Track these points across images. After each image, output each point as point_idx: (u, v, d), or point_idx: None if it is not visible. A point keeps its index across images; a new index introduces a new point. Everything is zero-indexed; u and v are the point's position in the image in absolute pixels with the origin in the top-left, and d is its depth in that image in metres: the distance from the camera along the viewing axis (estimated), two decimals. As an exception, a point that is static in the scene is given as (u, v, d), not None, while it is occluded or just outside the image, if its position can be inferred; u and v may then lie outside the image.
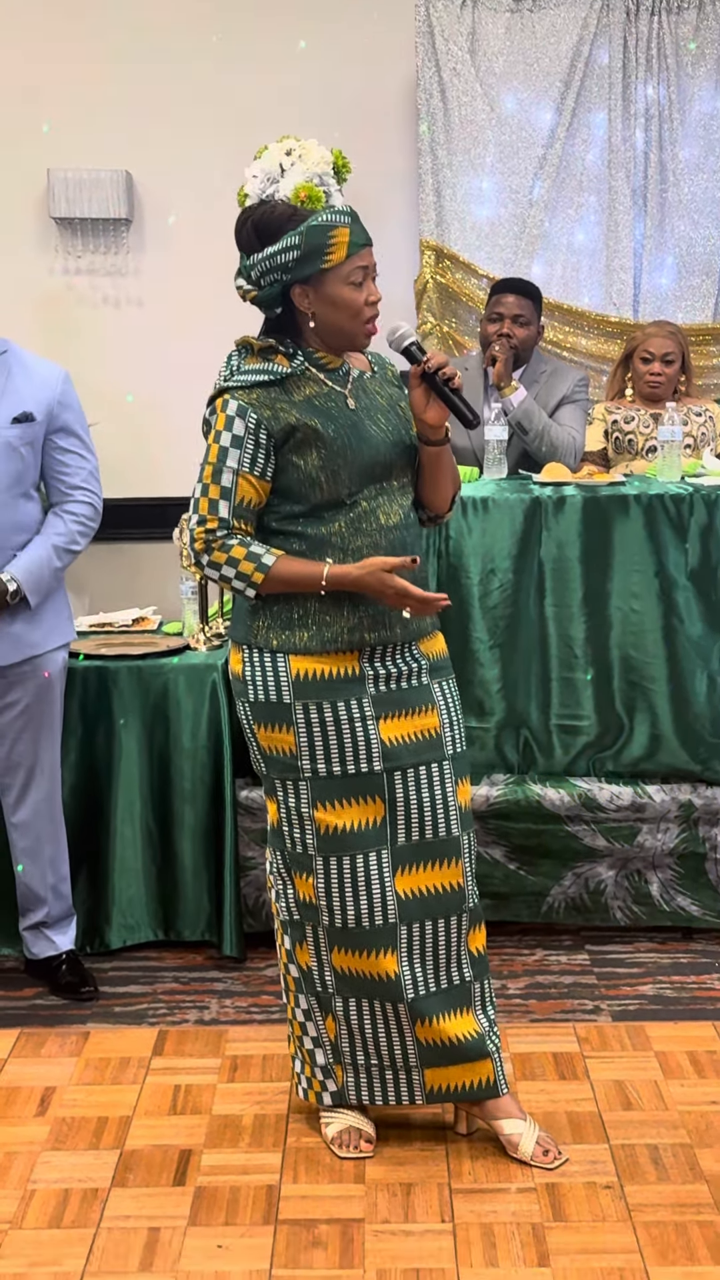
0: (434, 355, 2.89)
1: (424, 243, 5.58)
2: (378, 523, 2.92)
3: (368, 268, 2.89)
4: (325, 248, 2.84)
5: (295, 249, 2.84)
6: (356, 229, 2.88)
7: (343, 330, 2.91)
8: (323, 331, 2.92)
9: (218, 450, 2.88)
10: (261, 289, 2.89)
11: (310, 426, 2.86)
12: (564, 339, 5.59)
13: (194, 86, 5.62)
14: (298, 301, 2.90)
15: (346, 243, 2.85)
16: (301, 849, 2.99)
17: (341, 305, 2.88)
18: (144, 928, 4.09)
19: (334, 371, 2.96)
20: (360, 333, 2.93)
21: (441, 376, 2.88)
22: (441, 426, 2.95)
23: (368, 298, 2.90)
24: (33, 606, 3.66)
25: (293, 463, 2.88)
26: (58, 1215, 2.89)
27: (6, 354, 3.71)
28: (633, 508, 4.04)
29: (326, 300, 2.88)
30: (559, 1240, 2.79)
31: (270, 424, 2.86)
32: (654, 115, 5.52)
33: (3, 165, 5.64)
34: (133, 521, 5.66)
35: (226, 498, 2.87)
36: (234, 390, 2.89)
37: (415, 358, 2.91)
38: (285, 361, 2.91)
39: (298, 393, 2.90)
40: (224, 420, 2.88)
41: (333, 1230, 2.83)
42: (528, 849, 4.11)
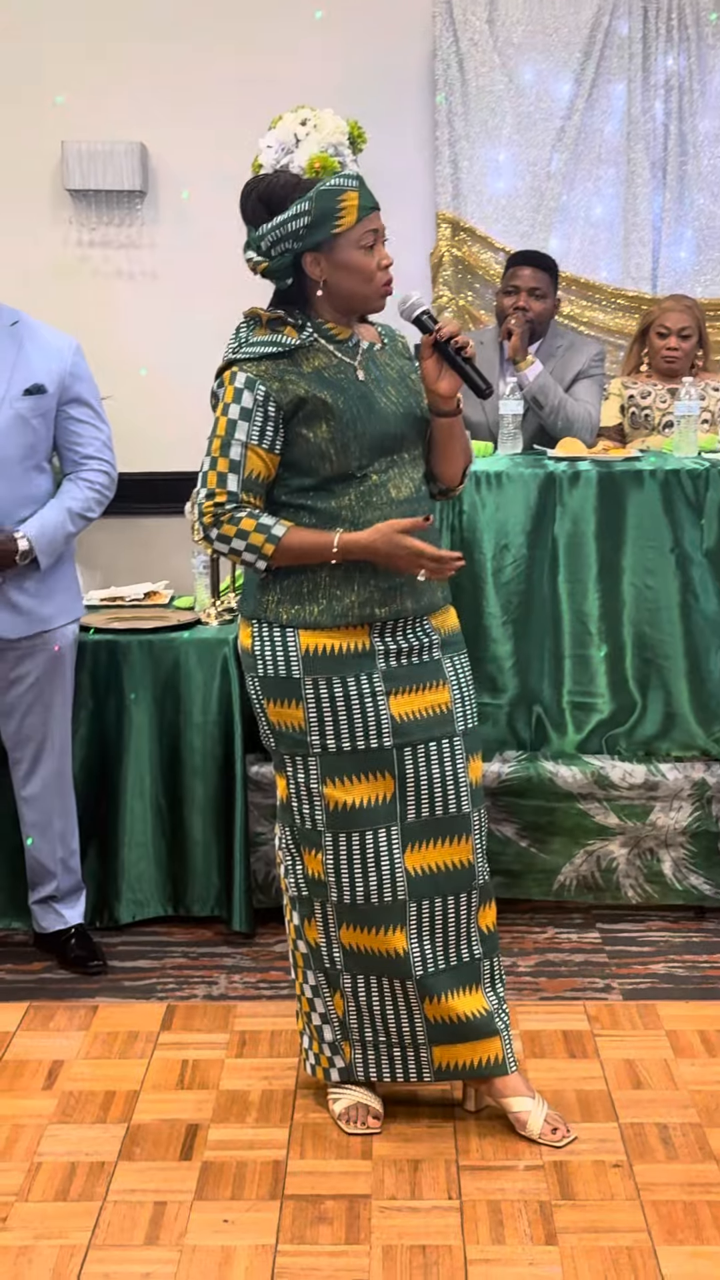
0: (446, 324, 2.86)
1: (440, 215, 5.53)
2: (388, 496, 2.89)
3: (378, 231, 2.87)
4: (336, 212, 2.81)
5: (306, 215, 2.81)
6: (364, 192, 2.85)
7: (357, 295, 2.88)
8: (336, 298, 2.89)
9: (226, 423, 2.85)
10: (272, 259, 2.86)
11: (319, 399, 2.84)
12: (581, 313, 5.54)
13: (209, 58, 5.57)
14: (309, 270, 2.86)
15: (356, 206, 2.83)
16: (311, 825, 2.97)
17: (355, 269, 2.85)
18: (153, 903, 4.08)
19: (343, 343, 2.93)
20: (375, 295, 2.90)
21: (454, 346, 2.85)
22: (454, 397, 2.91)
23: (380, 261, 2.87)
24: (42, 568, 3.64)
25: (302, 435, 2.85)
26: (64, 1188, 2.89)
27: (18, 325, 3.69)
28: (648, 483, 4.00)
29: (339, 266, 2.85)
30: (566, 1218, 2.77)
31: (279, 396, 2.84)
32: (674, 87, 5.45)
33: (17, 137, 5.60)
34: (146, 495, 5.63)
35: (235, 471, 2.85)
36: (242, 362, 2.87)
37: (427, 327, 2.88)
38: (294, 333, 2.88)
39: (307, 364, 2.87)
40: (232, 393, 2.85)
41: (339, 1206, 2.82)
42: (540, 827, 4.08)
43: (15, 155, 5.60)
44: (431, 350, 2.87)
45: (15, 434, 3.60)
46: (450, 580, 3.98)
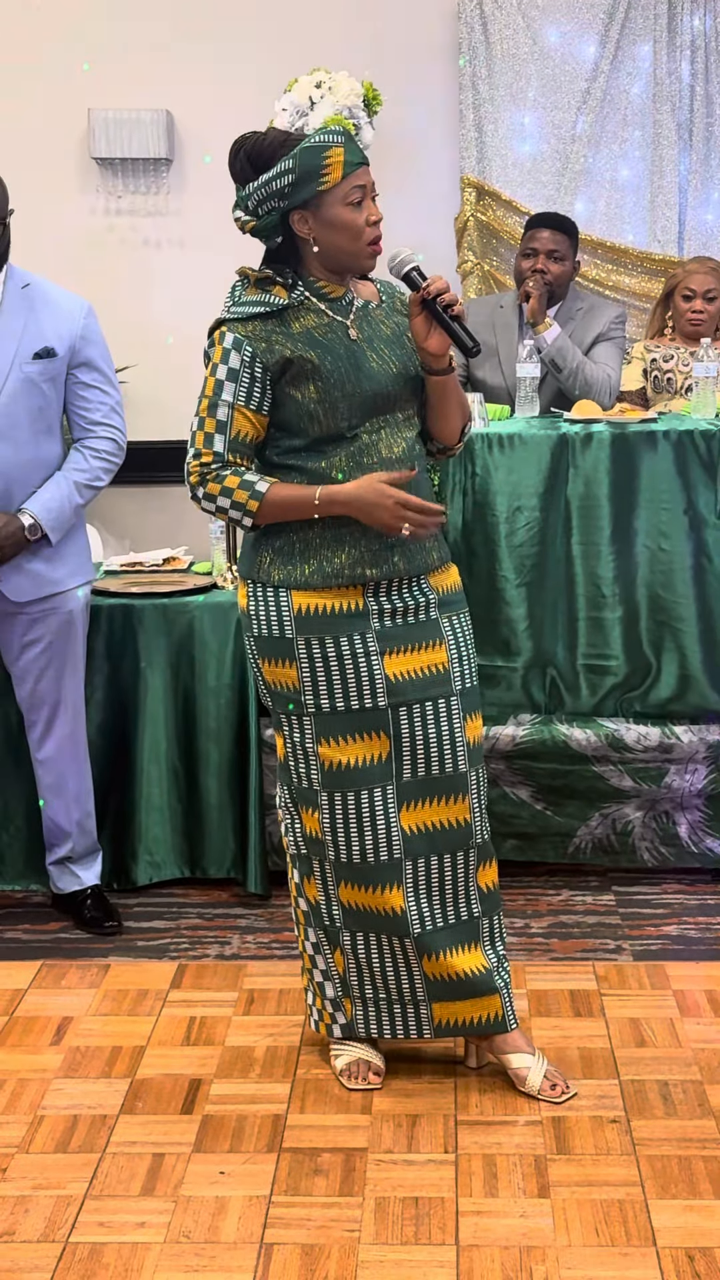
0: (434, 280, 2.85)
1: (465, 180, 5.51)
2: (379, 456, 2.89)
3: (365, 187, 2.85)
4: (320, 169, 2.81)
5: (290, 173, 2.80)
6: (351, 148, 2.84)
7: (345, 252, 2.88)
8: (325, 256, 2.88)
9: (214, 384, 2.86)
10: (260, 218, 2.86)
11: (306, 359, 2.84)
12: (606, 276, 5.51)
13: (234, 25, 5.58)
14: (297, 227, 2.86)
15: (342, 162, 2.81)
16: (307, 784, 2.99)
17: (341, 226, 2.85)
18: (169, 865, 4.11)
19: (336, 301, 2.92)
20: (363, 253, 2.89)
21: (441, 303, 2.84)
22: (444, 355, 2.90)
23: (368, 217, 2.86)
24: (53, 544, 3.67)
25: (290, 395, 2.86)
26: (65, 1140, 2.92)
27: (29, 288, 3.69)
28: (661, 444, 3.98)
29: (326, 223, 2.85)
30: (560, 1172, 2.78)
31: (265, 357, 2.84)
32: (700, 47, 5.40)
33: (44, 105, 5.63)
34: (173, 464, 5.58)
35: (222, 432, 2.86)
36: (231, 322, 2.88)
37: (415, 284, 2.87)
38: (283, 293, 2.88)
39: (296, 324, 2.87)
40: (220, 353, 2.86)
41: (335, 1159, 2.84)
42: (554, 789, 4.08)
43: (42, 124, 5.63)
44: (420, 308, 2.86)
45: (24, 398, 3.63)
46: (463, 543, 4.01)
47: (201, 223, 5.72)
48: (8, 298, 3.64)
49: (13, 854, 4.10)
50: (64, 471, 3.69)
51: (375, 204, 2.89)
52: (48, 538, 3.66)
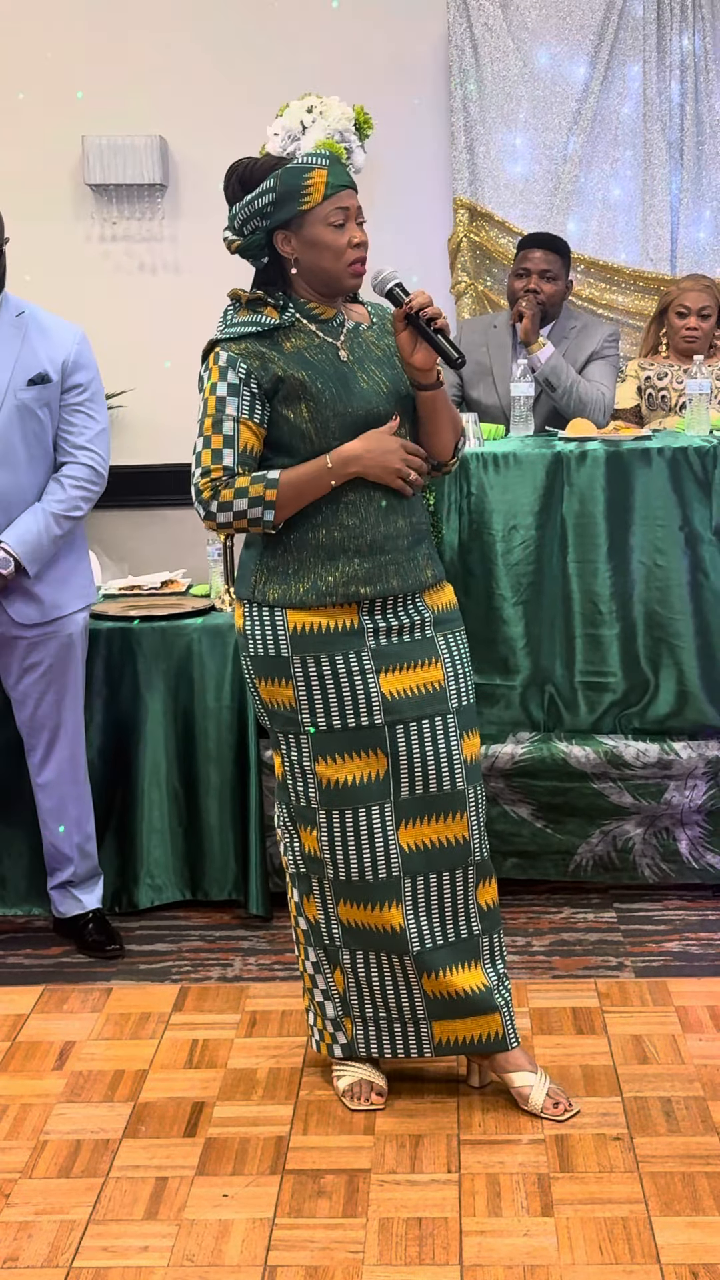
0: (417, 295, 2.86)
1: (457, 201, 5.54)
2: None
3: (349, 209, 2.88)
4: (301, 189, 2.83)
5: (271, 192, 2.84)
6: (336, 170, 2.86)
7: (327, 272, 2.90)
8: (307, 276, 2.91)
9: (215, 401, 2.88)
10: (245, 237, 2.89)
11: (297, 379, 2.86)
12: (600, 295, 5.53)
13: (227, 50, 5.61)
14: (280, 247, 2.89)
15: (324, 184, 2.84)
16: (305, 802, 3.00)
17: (322, 247, 2.87)
18: (171, 888, 4.11)
19: (327, 322, 2.94)
20: (344, 274, 2.91)
21: (424, 317, 2.85)
22: (431, 369, 2.92)
23: (350, 239, 2.88)
24: (32, 575, 3.68)
25: (283, 415, 2.88)
26: (68, 1165, 2.92)
27: (23, 315, 3.72)
28: (656, 461, 4.00)
29: (307, 243, 2.87)
30: (564, 1190, 2.78)
31: (259, 374, 2.86)
32: (689, 67, 5.44)
33: (38, 132, 5.65)
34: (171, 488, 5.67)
35: (230, 446, 2.86)
36: (224, 342, 2.90)
37: (399, 300, 2.89)
38: (274, 313, 2.90)
39: (287, 344, 2.90)
40: (217, 372, 2.88)
41: (338, 1180, 2.84)
42: (554, 807, 4.08)
43: (37, 151, 5.66)
44: (404, 323, 2.88)
45: (20, 424, 3.64)
46: (460, 562, 4.02)
47: (196, 247, 5.74)
48: (2, 325, 3.66)
49: (14, 878, 4.10)
50: (42, 502, 3.70)
51: (362, 229, 2.91)
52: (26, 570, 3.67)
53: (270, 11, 5.58)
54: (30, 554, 3.65)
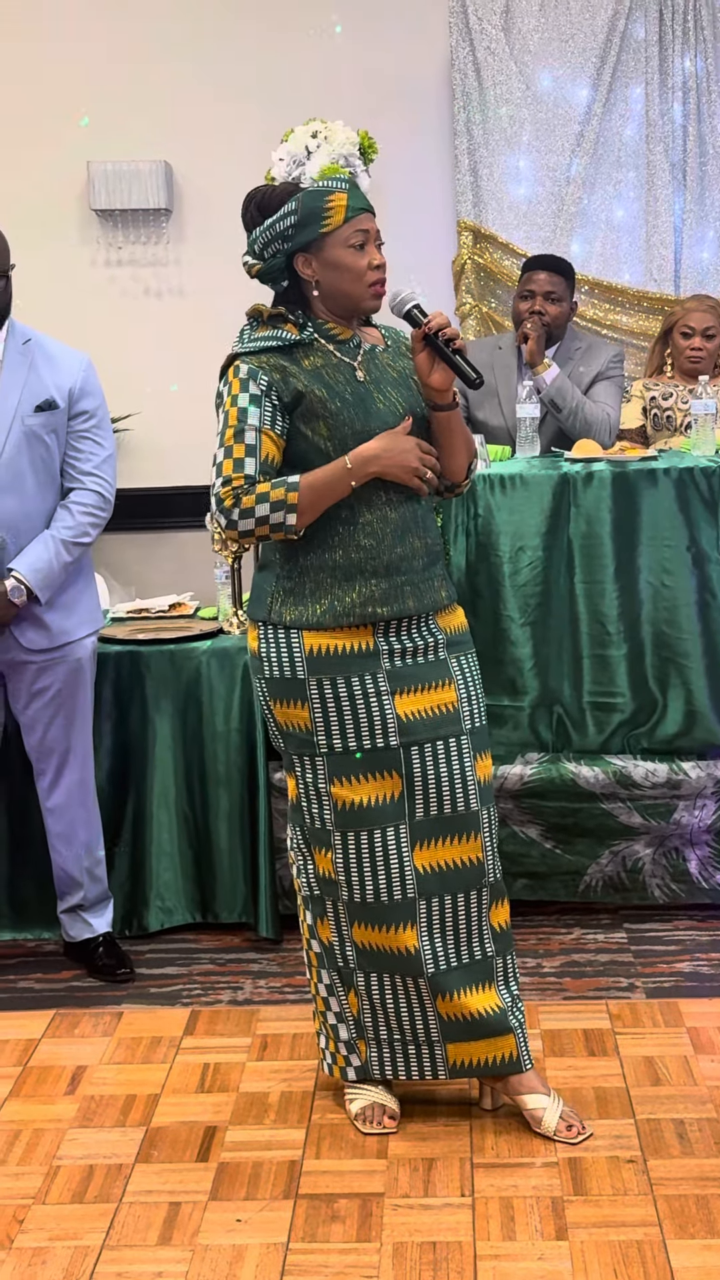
0: (435, 316, 2.89)
1: (461, 223, 5.56)
2: (386, 495, 2.92)
3: (368, 232, 2.91)
4: (322, 212, 2.86)
5: (293, 215, 2.87)
6: (355, 195, 2.90)
7: (347, 294, 2.92)
8: (328, 298, 2.93)
9: (236, 412, 2.89)
10: (265, 261, 2.91)
11: (316, 395, 2.88)
12: (604, 316, 5.55)
13: (231, 75, 5.64)
14: (300, 270, 2.91)
15: (344, 207, 2.88)
16: (320, 824, 3.00)
17: (343, 268, 2.90)
18: (181, 911, 4.11)
19: (344, 343, 2.97)
20: (365, 295, 2.93)
21: (443, 337, 2.87)
22: (448, 390, 2.94)
23: (370, 261, 2.91)
24: (43, 602, 3.69)
25: (301, 431, 2.90)
26: (81, 1190, 2.92)
27: (30, 343, 3.74)
28: (662, 482, 4.00)
29: (328, 265, 2.90)
30: (578, 1214, 2.77)
31: (280, 387, 2.88)
32: (691, 88, 5.46)
33: (43, 158, 5.69)
34: (178, 510, 5.70)
35: (252, 455, 2.87)
36: (245, 355, 2.92)
37: (417, 321, 2.91)
38: (294, 330, 2.93)
39: (306, 361, 2.92)
40: (238, 384, 2.90)
41: (352, 1205, 2.83)
42: (564, 828, 4.08)
43: (42, 176, 5.69)
44: (422, 344, 2.90)
45: (28, 450, 3.66)
46: (467, 583, 4.03)
47: (201, 271, 5.77)
48: (9, 353, 3.68)
49: (24, 903, 4.10)
50: (51, 529, 3.71)
51: (379, 251, 2.93)
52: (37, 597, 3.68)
53: (274, 37, 5.61)
54: (42, 582, 3.66)
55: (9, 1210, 2.85)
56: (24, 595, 3.64)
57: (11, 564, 3.65)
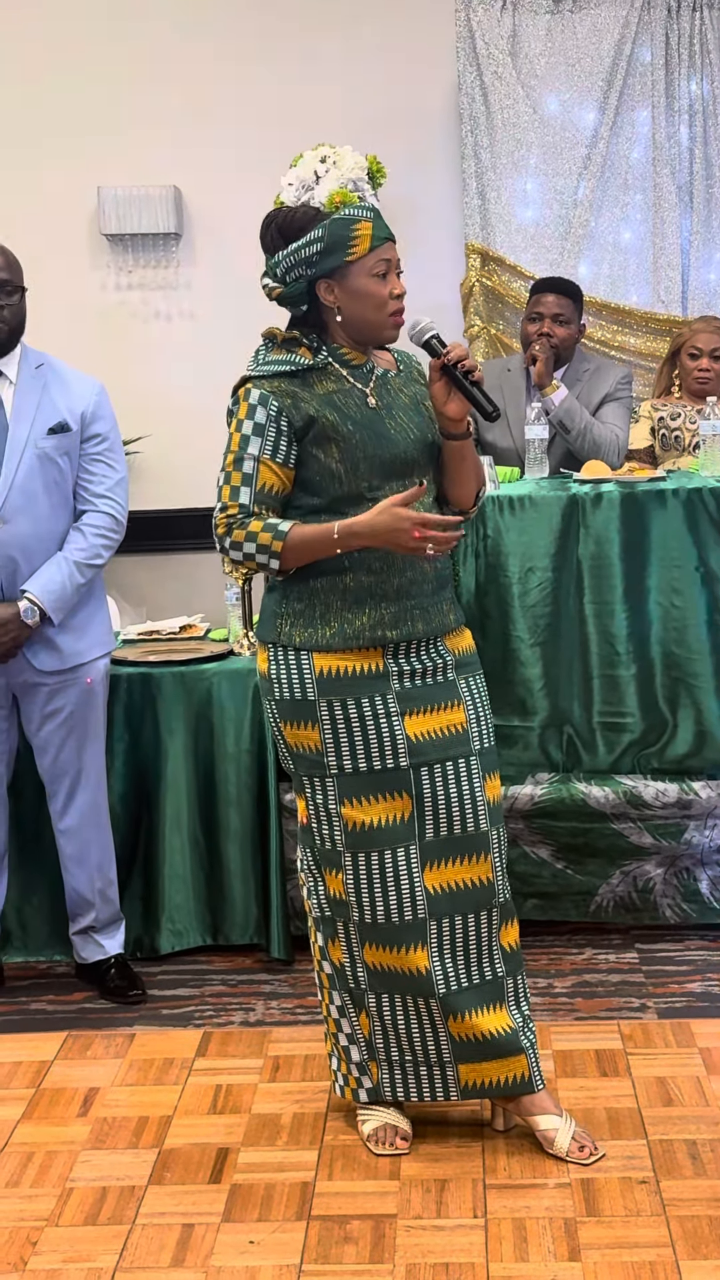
0: (454, 347, 2.91)
1: (469, 246, 5.58)
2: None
3: (390, 261, 2.94)
4: (349, 240, 2.88)
5: (319, 241, 2.89)
6: (379, 224, 2.93)
7: (368, 322, 2.94)
8: (348, 325, 2.95)
9: (239, 439, 2.92)
10: (287, 285, 2.94)
11: (328, 420, 2.90)
12: (612, 338, 5.57)
13: (240, 100, 5.67)
14: (323, 296, 2.94)
15: (370, 236, 2.90)
16: (330, 845, 3.01)
17: (366, 297, 2.92)
18: (192, 933, 4.12)
19: (358, 368, 2.99)
20: (386, 324, 2.95)
21: (461, 369, 2.90)
22: (463, 419, 2.96)
23: (392, 290, 2.93)
24: (56, 624, 3.71)
25: (313, 455, 2.92)
26: (94, 1213, 2.92)
27: (43, 367, 3.77)
28: (671, 502, 4.02)
29: (351, 293, 2.92)
30: (591, 1235, 2.77)
31: (291, 413, 2.90)
32: (698, 111, 5.48)
33: (54, 184, 5.72)
34: (188, 532, 5.71)
35: (248, 484, 2.90)
36: (256, 379, 2.94)
37: (435, 351, 2.93)
38: (308, 354, 2.95)
39: (319, 386, 2.94)
40: (246, 409, 2.92)
41: (365, 1226, 2.83)
42: (574, 848, 4.09)
43: (53, 202, 5.72)
44: (440, 374, 2.92)
45: (41, 473, 3.68)
46: (476, 604, 4.04)
47: (211, 295, 5.80)
48: (22, 376, 3.71)
49: (36, 925, 4.11)
50: (64, 551, 3.73)
51: (400, 279, 2.96)
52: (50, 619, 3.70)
53: (282, 62, 5.65)
54: (55, 603, 3.68)
55: (22, 1232, 2.85)
56: (37, 616, 3.66)
57: (25, 585, 3.67)
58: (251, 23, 5.65)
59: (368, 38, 5.62)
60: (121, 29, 5.66)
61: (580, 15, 5.48)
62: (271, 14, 5.65)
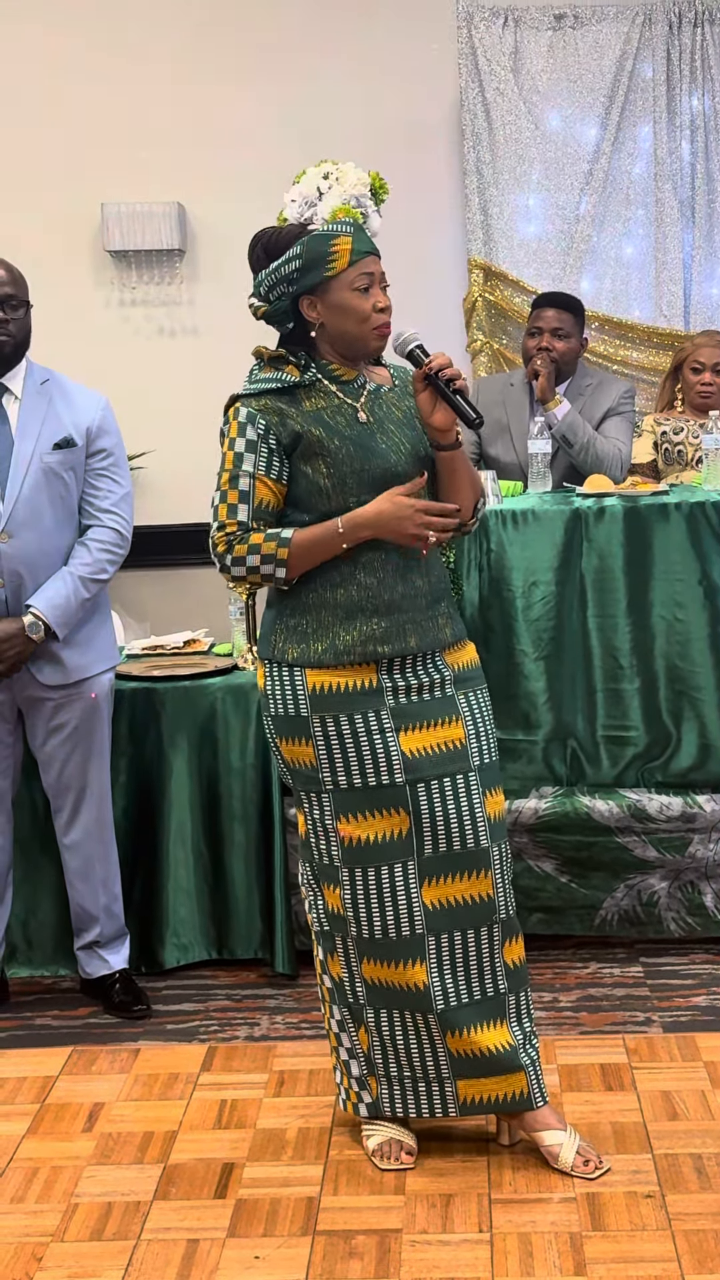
0: (436, 357, 2.91)
1: (472, 261, 5.60)
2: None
3: (373, 275, 2.94)
4: (327, 256, 2.89)
5: (298, 258, 2.90)
6: (360, 238, 2.93)
7: (352, 336, 2.95)
8: (333, 340, 2.96)
9: (233, 457, 2.93)
10: (271, 303, 2.94)
11: (314, 436, 2.91)
12: (614, 352, 5.58)
13: (243, 117, 5.70)
14: (305, 312, 2.95)
15: (349, 250, 2.90)
16: (328, 860, 3.01)
17: (348, 311, 2.93)
18: (197, 947, 4.12)
19: (348, 384, 2.99)
20: (369, 337, 2.96)
21: (443, 377, 2.90)
22: (450, 430, 2.96)
23: (375, 303, 2.94)
24: (61, 639, 3.72)
25: (302, 470, 2.93)
26: (99, 1228, 2.92)
27: (48, 383, 3.79)
28: (674, 516, 4.03)
29: (333, 308, 2.93)
30: (597, 1249, 2.77)
31: (278, 430, 2.91)
32: (699, 126, 5.51)
33: (58, 200, 5.75)
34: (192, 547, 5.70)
35: (245, 501, 2.92)
36: (245, 398, 2.95)
37: (419, 361, 2.93)
38: (296, 371, 2.96)
39: (307, 403, 2.94)
40: (236, 427, 2.94)
41: (370, 1241, 2.83)
42: (579, 861, 4.09)
43: (56, 218, 5.75)
44: (423, 383, 2.93)
45: (47, 488, 3.70)
46: (480, 618, 4.05)
47: (214, 311, 5.82)
48: (27, 392, 3.73)
49: (41, 939, 4.12)
50: (69, 566, 3.74)
51: (385, 293, 2.96)
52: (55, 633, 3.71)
53: (285, 79, 5.68)
54: (60, 618, 3.69)
55: (28, 1248, 2.85)
56: (41, 631, 3.67)
57: (30, 600, 3.68)
58: (254, 39, 5.68)
59: (370, 54, 5.65)
60: (125, 46, 5.68)
61: (582, 31, 5.51)
62: (274, 31, 5.68)
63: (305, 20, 5.68)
